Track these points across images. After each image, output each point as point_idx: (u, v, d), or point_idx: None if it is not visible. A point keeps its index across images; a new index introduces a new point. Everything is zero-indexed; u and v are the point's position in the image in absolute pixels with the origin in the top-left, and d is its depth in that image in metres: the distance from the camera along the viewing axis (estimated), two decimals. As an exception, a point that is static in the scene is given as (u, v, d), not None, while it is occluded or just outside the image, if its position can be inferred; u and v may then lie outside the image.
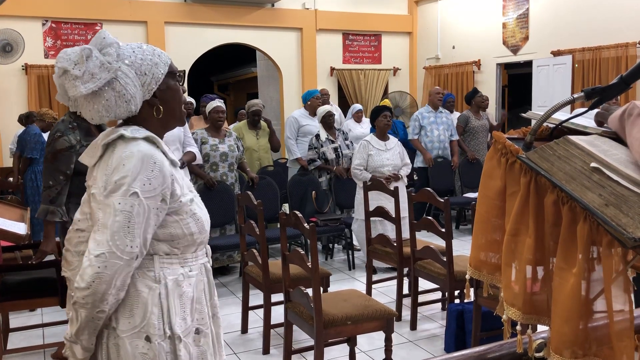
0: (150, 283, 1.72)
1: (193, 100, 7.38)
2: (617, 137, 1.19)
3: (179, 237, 1.75)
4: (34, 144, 6.24)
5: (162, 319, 1.73)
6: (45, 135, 6.65)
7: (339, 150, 6.19)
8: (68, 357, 1.72)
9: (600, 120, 1.27)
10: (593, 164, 1.04)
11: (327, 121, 6.18)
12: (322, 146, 6.13)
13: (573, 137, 1.12)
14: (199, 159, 5.08)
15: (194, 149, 4.94)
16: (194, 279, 1.81)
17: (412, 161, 7.16)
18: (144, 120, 1.77)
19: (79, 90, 1.65)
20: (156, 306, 1.72)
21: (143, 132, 1.74)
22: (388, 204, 4.73)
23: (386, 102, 8.50)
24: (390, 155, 5.44)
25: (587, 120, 1.29)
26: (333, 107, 7.47)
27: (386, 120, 5.45)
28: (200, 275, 1.84)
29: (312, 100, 6.75)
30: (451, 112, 8.12)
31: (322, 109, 6.27)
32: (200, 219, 1.81)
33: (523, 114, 1.50)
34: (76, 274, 1.76)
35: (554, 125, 1.26)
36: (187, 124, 4.96)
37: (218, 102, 5.52)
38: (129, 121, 1.76)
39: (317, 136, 6.18)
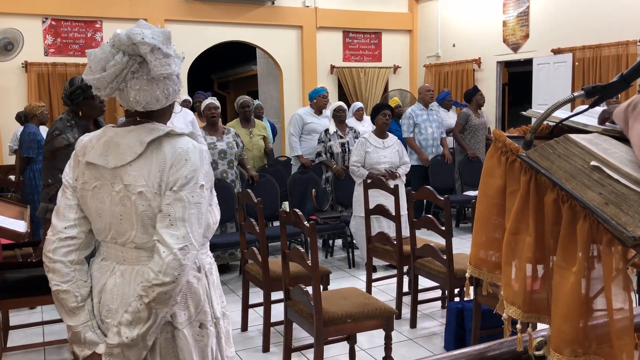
0: (196, 273, 1.78)
1: (190, 98, 7.39)
2: (618, 136, 1.19)
3: (210, 227, 1.82)
4: (29, 142, 6.25)
5: (210, 305, 1.82)
6: (42, 130, 6.66)
7: (346, 145, 6.21)
8: None
9: (604, 119, 1.27)
10: (593, 163, 1.04)
11: (338, 115, 6.25)
12: (329, 140, 6.16)
13: (573, 136, 1.12)
14: (208, 157, 5.00)
15: (203, 147, 4.84)
16: (214, 265, 1.92)
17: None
18: (160, 116, 1.78)
19: (172, 68, 1.66)
20: (205, 294, 1.81)
21: (184, 129, 1.79)
22: (386, 202, 4.73)
23: (395, 100, 8.45)
24: (387, 153, 5.44)
25: (588, 118, 1.29)
26: (332, 105, 7.47)
27: (385, 119, 5.45)
28: (215, 263, 1.94)
29: (317, 99, 6.79)
30: (448, 110, 8.11)
31: (335, 104, 6.36)
32: (219, 208, 1.90)
33: (523, 112, 1.50)
34: (74, 285, 1.72)
35: (554, 124, 1.26)
36: (195, 121, 4.89)
37: (211, 99, 5.51)
38: (143, 116, 1.74)
39: (327, 130, 6.25)
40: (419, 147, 7.21)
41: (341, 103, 6.38)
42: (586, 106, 1.28)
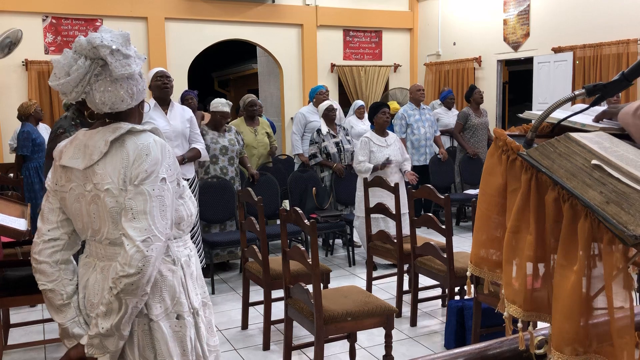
0: (171, 266, 1.85)
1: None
2: (618, 134, 1.19)
3: (184, 219, 1.88)
4: (22, 141, 6.29)
5: (187, 297, 1.88)
6: (42, 128, 6.66)
7: (340, 144, 6.20)
8: (93, 354, 1.75)
9: (601, 117, 1.27)
10: (594, 161, 1.04)
11: (328, 115, 6.19)
12: (323, 140, 6.14)
13: (574, 134, 1.12)
14: (205, 156, 4.93)
15: (200, 145, 4.78)
16: (194, 257, 1.97)
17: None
18: (129, 116, 1.84)
19: (132, 68, 1.73)
20: (181, 286, 1.87)
21: (146, 125, 1.84)
22: (389, 200, 4.74)
23: (394, 104, 8.37)
24: (391, 151, 5.46)
25: (587, 117, 1.29)
26: (333, 103, 7.46)
27: (385, 117, 5.47)
28: (195, 254, 2.00)
29: (317, 97, 6.82)
30: (450, 109, 8.09)
31: (324, 103, 6.28)
32: (194, 201, 1.97)
33: (520, 115, 1.50)
34: (59, 284, 1.82)
35: (554, 122, 1.26)
36: (194, 119, 4.86)
37: (226, 108, 5.44)
38: (111, 117, 1.80)
39: (319, 131, 6.19)
40: (406, 151, 7.19)
41: (331, 102, 6.32)
42: (585, 105, 1.28)
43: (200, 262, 4.82)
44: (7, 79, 7.87)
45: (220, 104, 5.43)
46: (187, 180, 4.71)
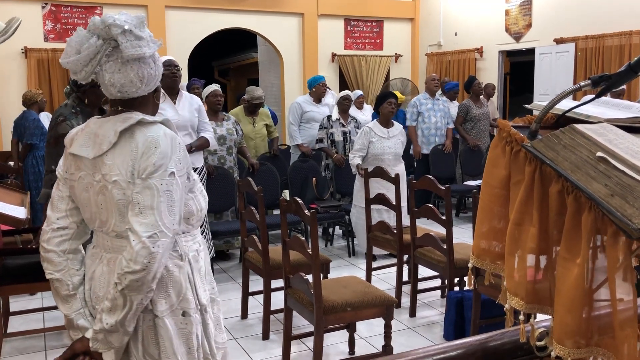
0: (178, 262, 1.81)
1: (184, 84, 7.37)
2: (624, 126, 1.18)
3: (193, 214, 1.84)
4: (32, 129, 6.19)
5: (194, 293, 1.84)
6: (42, 117, 6.64)
7: (348, 134, 6.22)
8: (98, 349, 1.72)
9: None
10: (599, 154, 1.03)
11: (343, 104, 6.29)
12: (331, 127, 6.16)
13: (579, 126, 1.11)
14: (214, 145, 4.89)
15: (208, 134, 4.72)
16: (202, 252, 1.94)
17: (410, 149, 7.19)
18: (142, 105, 1.79)
19: (142, 50, 1.68)
20: (188, 282, 1.83)
21: (157, 117, 1.80)
22: (387, 191, 4.72)
23: (398, 95, 8.34)
24: (392, 143, 5.41)
25: (592, 108, 1.28)
26: (330, 92, 7.45)
27: (391, 107, 5.40)
28: (205, 249, 1.96)
29: (317, 87, 6.76)
30: (453, 100, 8.07)
31: (342, 93, 6.41)
32: (205, 195, 1.93)
33: (526, 105, 1.49)
34: (66, 274, 1.80)
35: (559, 114, 1.25)
36: (203, 108, 4.82)
37: (215, 87, 5.47)
38: (125, 105, 1.76)
39: (329, 117, 6.27)
40: (416, 138, 7.22)
41: (348, 92, 6.42)
42: (592, 96, 1.27)
43: (210, 253, 4.84)
44: (6, 67, 7.85)
45: (209, 87, 5.47)
46: (196, 169, 4.68)
